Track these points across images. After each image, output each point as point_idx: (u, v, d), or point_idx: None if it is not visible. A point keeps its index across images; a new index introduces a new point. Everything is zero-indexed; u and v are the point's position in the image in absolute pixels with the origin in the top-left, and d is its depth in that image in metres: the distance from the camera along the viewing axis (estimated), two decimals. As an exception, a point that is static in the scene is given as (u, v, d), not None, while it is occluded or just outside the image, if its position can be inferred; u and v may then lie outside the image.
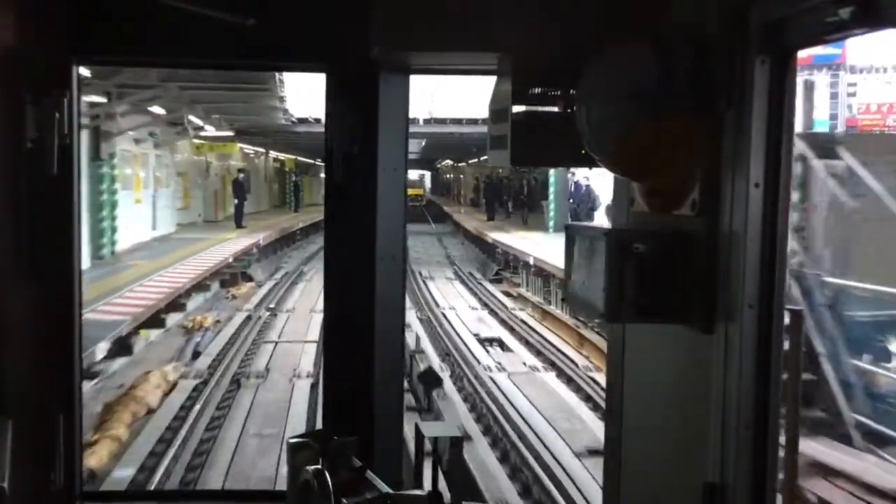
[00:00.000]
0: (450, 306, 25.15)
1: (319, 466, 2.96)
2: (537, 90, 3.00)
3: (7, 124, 3.33)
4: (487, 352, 19.02)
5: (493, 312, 24.75)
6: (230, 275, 28.12)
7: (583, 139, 2.79)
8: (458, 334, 20.81)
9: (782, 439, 2.49)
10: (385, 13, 3.21)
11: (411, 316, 22.53)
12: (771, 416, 2.43)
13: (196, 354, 18.49)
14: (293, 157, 59.06)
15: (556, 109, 2.98)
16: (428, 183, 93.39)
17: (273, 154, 55.99)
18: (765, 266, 2.41)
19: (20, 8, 3.33)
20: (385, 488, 2.97)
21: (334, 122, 3.49)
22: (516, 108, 3.00)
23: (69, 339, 3.51)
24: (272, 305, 25.38)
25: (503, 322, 23.17)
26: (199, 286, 23.97)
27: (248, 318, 23.16)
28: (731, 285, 2.45)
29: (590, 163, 2.88)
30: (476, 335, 20.71)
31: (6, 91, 3.32)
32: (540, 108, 3.00)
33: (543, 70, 2.99)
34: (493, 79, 3.23)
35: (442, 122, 36.20)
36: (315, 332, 20.32)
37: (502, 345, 20.19)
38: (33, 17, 3.34)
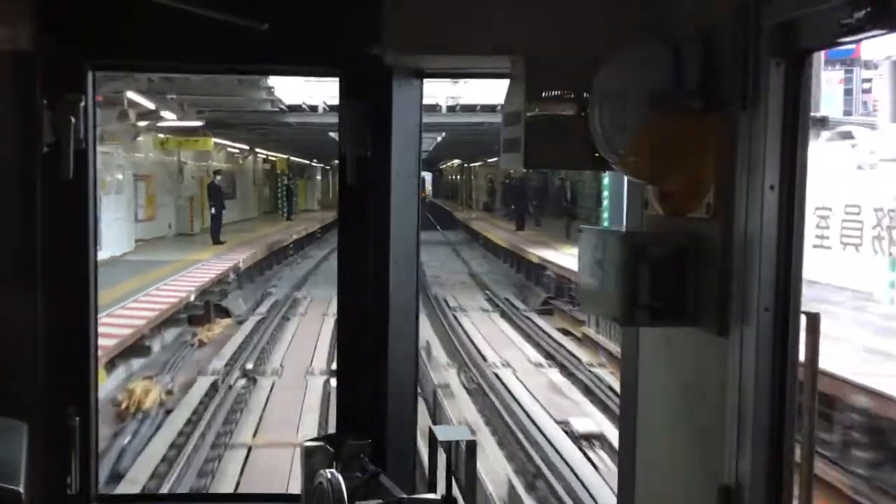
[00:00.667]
0: (503, 362, 17.62)
1: (333, 470, 2.97)
2: (551, 93, 2.99)
3: (23, 129, 3.35)
4: (595, 467, 11.62)
5: (566, 371, 17.27)
6: (189, 317, 20.78)
7: (596, 142, 2.78)
8: (536, 425, 13.18)
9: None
10: (397, 17, 3.21)
11: (455, 385, 16.22)
12: (787, 420, 2.42)
13: (116, 478, 11.18)
14: (285, 156, 53.07)
15: (569, 112, 2.97)
16: (429, 186, 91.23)
17: (262, 153, 49.78)
18: (780, 269, 2.39)
19: (35, 12, 3.35)
20: (398, 492, 2.97)
21: (347, 126, 3.50)
22: (530, 111, 2.99)
23: (84, 343, 3.53)
24: (250, 366, 17.48)
25: (587, 391, 15.83)
26: (133, 349, 16.27)
27: (214, 387, 15.70)
28: (746, 288, 2.44)
29: (603, 166, 2.87)
30: (563, 425, 13.24)
31: (22, 95, 3.34)
32: (553, 111, 3.00)
33: (557, 73, 2.99)
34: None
35: (471, 109, 28.66)
36: (314, 418, 13.73)
37: (603, 441, 12.67)
38: (48, 22, 3.36)
